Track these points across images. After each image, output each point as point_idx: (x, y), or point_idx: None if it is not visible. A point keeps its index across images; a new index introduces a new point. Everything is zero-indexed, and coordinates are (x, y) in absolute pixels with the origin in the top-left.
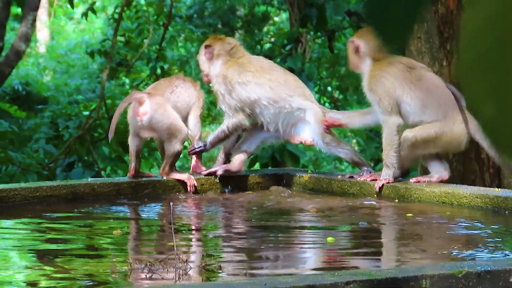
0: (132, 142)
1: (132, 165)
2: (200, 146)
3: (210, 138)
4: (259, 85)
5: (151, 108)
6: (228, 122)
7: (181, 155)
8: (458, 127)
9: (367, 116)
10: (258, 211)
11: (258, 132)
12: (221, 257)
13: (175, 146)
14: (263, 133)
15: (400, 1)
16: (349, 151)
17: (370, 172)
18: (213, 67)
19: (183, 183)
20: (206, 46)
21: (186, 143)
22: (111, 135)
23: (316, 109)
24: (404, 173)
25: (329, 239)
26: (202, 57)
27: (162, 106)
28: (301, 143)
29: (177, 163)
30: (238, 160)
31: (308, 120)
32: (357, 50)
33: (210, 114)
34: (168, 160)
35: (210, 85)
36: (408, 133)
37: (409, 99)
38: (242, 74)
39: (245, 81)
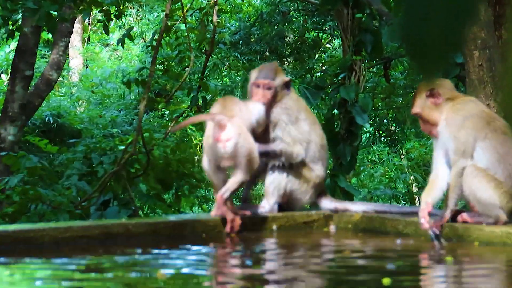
0: (215, 176)
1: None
2: None
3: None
4: (311, 124)
5: (234, 133)
6: (283, 147)
7: None
8: None
9: None
10: (306, 253)
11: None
12: None
13: (246, 175)
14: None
15: (438, 27)
16: None
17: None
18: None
19: (225, 223)
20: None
21: None
22: (174, 130)
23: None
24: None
25: (385, 280)
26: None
27: (243, 130)
28: None
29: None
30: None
31: None
32: (436, 96)
33: None
34: (233, 188)
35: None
36: (468, 169)
37: (484, 147)
38: (300, 110)
39: (304, 117)
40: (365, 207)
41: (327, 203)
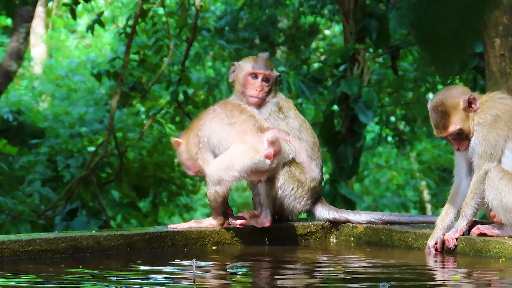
0: (228, 189)
1: (225, 215)
2: None
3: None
4: (301, 122)
5: (281, 147)
6: None
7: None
8: None
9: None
10: (299, 272)
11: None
12: None
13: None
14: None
15: (454, 12)
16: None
17: None
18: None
19: (209, 234)
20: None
21: None
22: (311, 173)
23: None
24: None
25: None
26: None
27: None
28: None
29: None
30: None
31: None
32: (471, 104)
33: None
34: (271, 203)
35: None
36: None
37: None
38: (290, 109)
39: (293, 116)
40: (369, 217)
41: (324, 212)
